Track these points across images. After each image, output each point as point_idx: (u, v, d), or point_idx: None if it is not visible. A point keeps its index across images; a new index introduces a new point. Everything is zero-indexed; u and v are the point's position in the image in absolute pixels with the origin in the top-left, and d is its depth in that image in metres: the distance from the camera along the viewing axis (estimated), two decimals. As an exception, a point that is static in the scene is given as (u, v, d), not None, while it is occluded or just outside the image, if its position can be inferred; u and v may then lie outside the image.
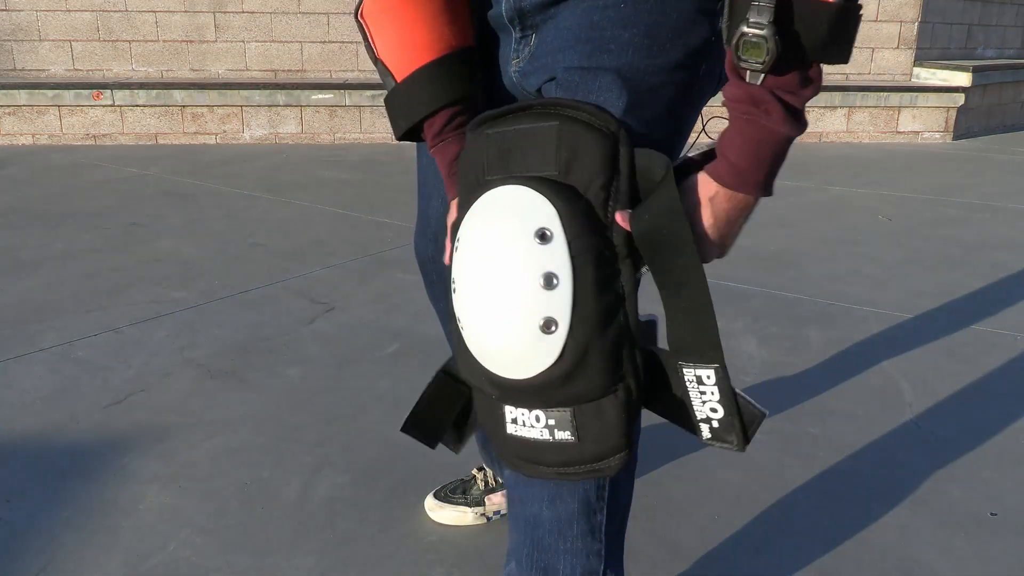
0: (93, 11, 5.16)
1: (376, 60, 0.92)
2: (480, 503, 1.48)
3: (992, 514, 1.51)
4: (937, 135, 5.57)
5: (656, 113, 0.84)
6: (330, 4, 5.28)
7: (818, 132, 5.43)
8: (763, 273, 2.78)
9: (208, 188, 3.88)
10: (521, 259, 0.76)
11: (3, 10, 5.11)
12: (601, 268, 0.77)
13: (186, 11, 5.20)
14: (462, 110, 0.91)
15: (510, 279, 0.77)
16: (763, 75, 0.71)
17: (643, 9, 0.82)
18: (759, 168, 0.74)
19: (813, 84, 0.72)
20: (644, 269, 0.81)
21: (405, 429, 0.96)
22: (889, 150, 5.22)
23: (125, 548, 1.39)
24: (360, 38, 5.34)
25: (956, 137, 5.63)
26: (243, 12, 5.24)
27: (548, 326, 0.76)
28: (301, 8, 5.28)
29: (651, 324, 0.84)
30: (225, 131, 4.98)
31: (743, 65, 0.70)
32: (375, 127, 5.08)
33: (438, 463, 1.63)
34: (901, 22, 5.69)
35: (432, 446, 0.97)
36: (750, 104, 0.72)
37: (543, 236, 0.76)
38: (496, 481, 1.50)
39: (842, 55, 0.71)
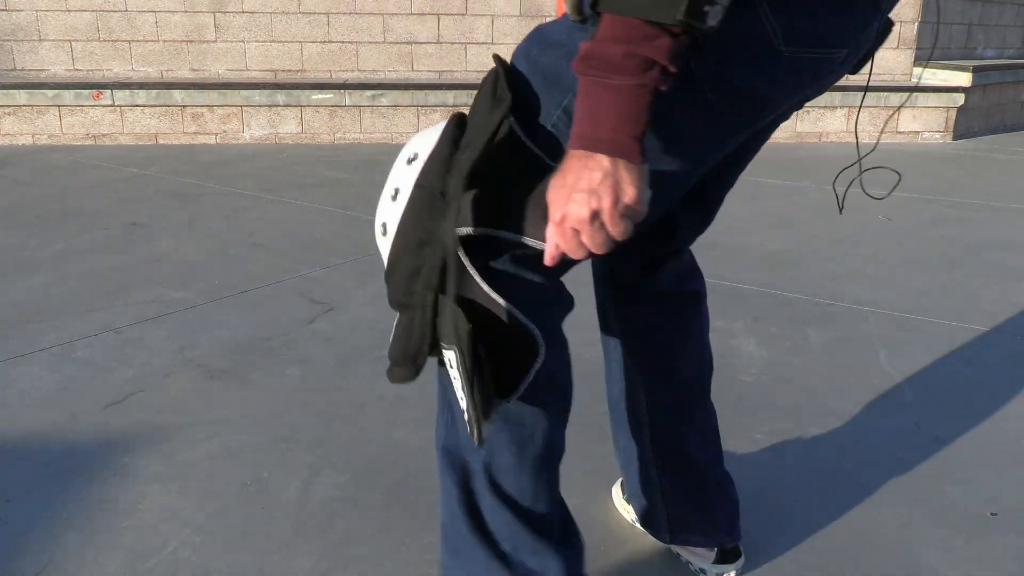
0: (93, 11, 5.16)
1: None
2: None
3: (992, 514, 1.51)
4: (937, 135, 5.57)
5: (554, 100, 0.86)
6: (330, 4, 5.28)
7: (818, 132, 5.43)
8: (763, 273, 2.78)
9: (208, 188, 3.88)
10: (393, 172, 0.93)
11: (3, 10, 5.11)
12: (429, 203, 0.87)
13: (186, 11, 5.20)
14: None
15: (385, 186, 0.93)
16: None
17: None
18: (582, 121, 0.75)
19: (615, 42, 0.70)
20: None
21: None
22: (889, 150, 5.22)
23: (125, 548, 1.39)
24: (359, 38, 5.35)
25: (956, 137, 5.63)
26: (243, 12, 5.24)
27: (383, 230, 0.92)
28: (301, 8, 5.28)
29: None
30: (225, 131, 4.98)
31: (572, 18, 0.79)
32: (375, 127, 5.08)
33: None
34: (901, 22, 5.69)
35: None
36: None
37: (410, 160, 0.90)
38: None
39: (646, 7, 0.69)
